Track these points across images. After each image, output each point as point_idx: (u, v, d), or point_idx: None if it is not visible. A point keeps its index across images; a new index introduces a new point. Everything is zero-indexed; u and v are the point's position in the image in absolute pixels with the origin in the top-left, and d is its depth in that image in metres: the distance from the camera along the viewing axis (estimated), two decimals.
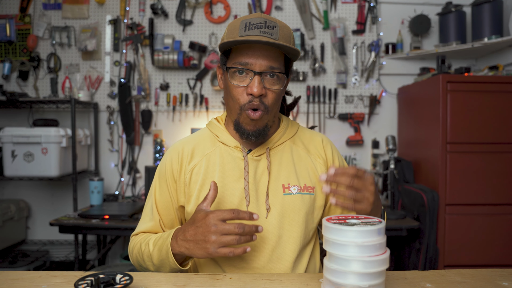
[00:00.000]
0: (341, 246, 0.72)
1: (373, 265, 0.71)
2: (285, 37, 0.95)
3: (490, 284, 0.85)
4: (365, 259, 0.71)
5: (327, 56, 2.84)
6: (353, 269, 0.71)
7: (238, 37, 0.93)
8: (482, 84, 2.19)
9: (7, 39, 2.80)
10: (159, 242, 0.97)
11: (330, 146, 1.12)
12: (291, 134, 1.10)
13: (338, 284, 0.73)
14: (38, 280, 0.87)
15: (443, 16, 2.65)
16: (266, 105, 0.97)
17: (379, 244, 0.72)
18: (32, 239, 2.89)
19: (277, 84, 0.97)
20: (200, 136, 1.11)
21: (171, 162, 1.07)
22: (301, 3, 2.79)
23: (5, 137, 2.45)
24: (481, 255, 2.14)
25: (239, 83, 0.96)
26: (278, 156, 1.06)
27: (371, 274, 0.72)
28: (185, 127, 2.84)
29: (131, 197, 2.78)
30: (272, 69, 0.95)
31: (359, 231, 0.71)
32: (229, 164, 1.04)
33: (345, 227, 0.72)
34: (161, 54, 2.69)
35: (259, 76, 0.94)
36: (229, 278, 0.89)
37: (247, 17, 0.97)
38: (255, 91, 0.93)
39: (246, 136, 1.00)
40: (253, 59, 0.94)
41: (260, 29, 0.93)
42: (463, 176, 2.16)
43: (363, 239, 0.71)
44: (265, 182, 1.02)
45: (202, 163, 1.05)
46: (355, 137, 2.83)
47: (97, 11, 2.83)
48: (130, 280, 0.78)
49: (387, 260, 0.73)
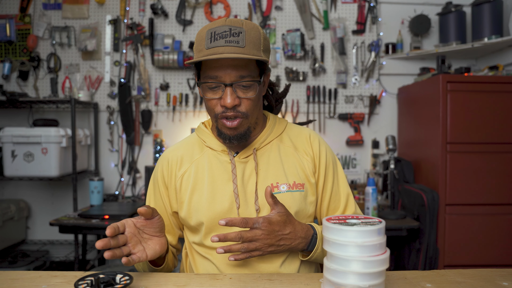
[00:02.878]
0: (341, 246, 0.72)
1: (373, 265, 0.71)
2: (253, 41, 0.94)
3: (490, 284, 0.85)
4: (365, 259, 0.71)
5: (327, 56, 2.84)
6: (353, 269, 0.71)
7: (205, 49, 0.93)
8: (482, 84, 2.19)
9: (7, 39, 2.80)
10: None
11: (318, 141, 1.11)
12: (278, 132, 1.10)
13: (338, 284, 0.73)
14: (38, 280, 0.87)
15: (443, 16, 2.65)
16: (243, 112, 0.97)
17: (379, 244, 0.72)
18: (32, 239, 2.89)
19: (250, 91, 0.96)
20: (189, 142, 1.13)
21: (162, 170, 1.10)
22: (301, 3, 2.79)
23: (5, 137, 2.45)
24: (481, 255, 2.14)
25: (212, 96, 0.97)
26: (266, 156, 1.06)
27: (371, 274, 0.72)
28: (185, 127, 2.84)
29: (131, 197, 2.78)
30: (242, 78, 0.94)
31: (359, 231, 0.72)
32: (217, 168, 1.05)
33: (345, 227, 0.72)
34: (161, 54, 2.69)
35: (231, 88, 0.94)
36: (229, 278, 0.89)
37: (213, 25, 0.95)
38: (228, 102, 0.94)
39: (228, 141, 1.00)
40: (221, 72, 0.94)
41: (225, 38, 0.92)
42: (463, 176, 2.16)
43: (363, 239, 0.71)
44: (253, 183, 1.03)
45: (192, 169, 1.07)
46: (355, 137, 2.83)
47: (97, 11, 2.83)
48: (130, 280, 0.78)
49: (387, 260, 0.73)
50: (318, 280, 0.87)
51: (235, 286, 0.84)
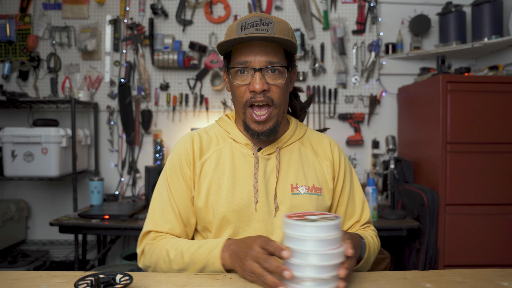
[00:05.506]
0: (300, 241, 0.76)
1: (330, 258, 0.75)
2: (282, 31, 0.97)
3: (490, 284, 0.85)
4: (323, 253, 0.75)
5: (327, 56, 2.84)
6: (311, 262, 0.75)
7: (236, 36, 0.95)
8: (482, 84, 2.19)
9: (7, 39, 2.80)
10: (199, 252, 0.94)
11: (338, 149, 1.15)
12: (300, 135, 1.12)
13: (298, 277, 0.76)
14: (38, 280, 0.87)
15: (443, 16, 2.65)
16: (272, 99, 0.98)
17: (335, 239, 0.77)
18: (32, 239, 2.88)
19: (279, 78, 0.98)
20: (212, 131, 1.11)
21: (186, 150, 1.06)
22: (301, 3, 2.79)
23: (5, 137, 2.45)
24: (481, 255, 2.14)
25: (241, 82, 0.98)
26: (287, 156, 1.07)
27: (328, 266, 0.76)
28: (185, 127, 2.84)
29: (131, 197, 2.78)
30: (271, 64, 0.96)
31: (317, 226, 0.76)
32: (240, 160, 1.05)
33: (305, 223, 0.77)
34: (161, 54, 2.69)
35: (260, 73, 0.96)
36: (229, 278, 0.89)
37: (243, 18, 0.99)
38: (257, 87, 0.95)
39: (256, 136, 1.02)
40: (251, 57, 0.96)
41: (256, 27, 0.95)
42: (463, 176, 2.16)
43: (321, 233, 0.75)
44: (274, 181, 1.04)
45: (213, 157, 1.06)
46: (355, 137, 2.83)
47: (97, 11, 2.83)
48: (130, 280, 0.78)
49: (343, 253, 0.78)
50: None
51: (235, 286, 0.84)
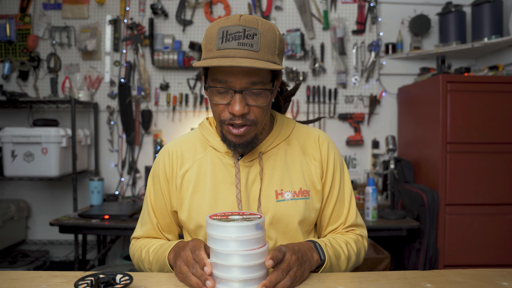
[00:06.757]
0: (222, 241, 0.76)
1: (253, 258, 0.75)
2: (268, 44, 0.87)
3: (490, 284, 0.85)
4: (245, 253, 0.74)
5: (327, 56, 2.84)
6: (234, 263, 0.75)
7: (215, 49, 0.86)
8: (482, 84, 2.19)
9: (7, 39, 2.80)
10: (158, 252, 0.98)
11: (327, 144, 1.06)
12: (286, 134, 1.05)
13: (224, 278, 0.76)
14: (38, 280, 0.87)
15: (443, 16, 2.65)
16: (251, 120, 0.90)
17: (257, 238, 0.76)
18: (32, 239, 2.88)
19: (261, 98, 0.89)
20: (192, 139, 1.07)
21: (164, 164, 1.05)
22: (301, 3, 2.79)
23: (5, 137, 2.45)
24: (481, 255, 2.14)
25: (220, 101, 0.90)
26: (272, 160, 1.01)
27: (252, 266, 0.75)
28: (185, 127, 2.84)
29: (131, 197, 2.78)
30: (253, 84, 0.87)
31: (238, 226, 0.75)
32: (221, 170, 1.00)
33: (225, 223, 0.76)
34: (161, 54, 2.69)
35: (240, 94, 0.87)
36: None
37: (225, 23, 0.87)
38: (236, 110, 0.87)
39: (233, 148, 0.95)
40: (231, 77, 0.86)
41: (238, 40, 0.84)
42: (463, 176, 2.16)
43: (241, 234, 0.75)
44: (257, 188, 0.98)
45: (194, 168, 1.02)
46: (355, 137, 2.83)
47: (97, 11, 2.83)
48: (130, 280, 0.78)
49: (266, 253, 0.77)
50: (318, 280, 0.87)
51: None
